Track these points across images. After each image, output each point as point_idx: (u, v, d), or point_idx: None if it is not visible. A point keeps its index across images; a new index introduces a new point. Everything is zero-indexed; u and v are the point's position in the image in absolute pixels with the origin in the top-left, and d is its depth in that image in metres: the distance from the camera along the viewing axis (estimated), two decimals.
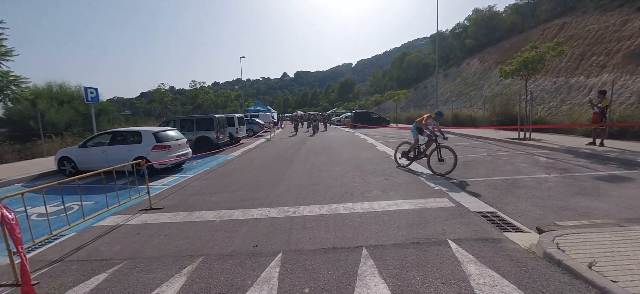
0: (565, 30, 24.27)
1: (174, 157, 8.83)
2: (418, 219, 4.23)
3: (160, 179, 8.13)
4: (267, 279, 2.91)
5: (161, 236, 4.16)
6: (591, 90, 16.53)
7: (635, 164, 6.73)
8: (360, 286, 2.71)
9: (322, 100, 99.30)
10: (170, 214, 5.07)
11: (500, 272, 2.79)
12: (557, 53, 11.67)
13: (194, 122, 13.76)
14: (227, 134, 15.10)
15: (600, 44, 19.15)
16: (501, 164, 7.72)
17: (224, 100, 45.65)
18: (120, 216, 5.11)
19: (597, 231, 3.35)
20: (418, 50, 68.20)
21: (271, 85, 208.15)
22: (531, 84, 15.46)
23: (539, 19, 32.27)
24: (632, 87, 14.39)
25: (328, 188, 6.18)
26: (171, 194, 6.47)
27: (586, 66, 18.91)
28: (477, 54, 37.73)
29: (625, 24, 18.47)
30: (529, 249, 3.19)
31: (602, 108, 9.07)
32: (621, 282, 2.43)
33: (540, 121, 14.47)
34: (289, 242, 3.73)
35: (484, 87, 30.20)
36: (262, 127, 23.73)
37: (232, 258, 3.38)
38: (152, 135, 8.63)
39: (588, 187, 5.37)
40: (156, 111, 39.83)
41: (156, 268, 3.28)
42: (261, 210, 4.99)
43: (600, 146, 8.86)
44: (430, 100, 35.57)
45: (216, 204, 5.46)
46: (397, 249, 3.38)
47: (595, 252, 2.89)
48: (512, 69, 12.24)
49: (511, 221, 3.97)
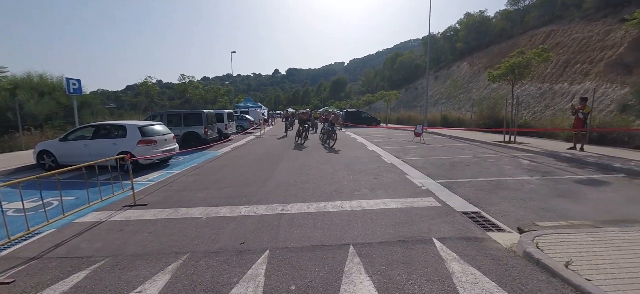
0: (552, 38, 25.00)
1: (160, 152, 8.65)
2: (405, 218, 4.29)
3: (146, 174, 7.95)
4: (253, 276, 2.90)
5: (145, 233, 4.07)
6: (574, 97, 17.11)
7: (612, 169, 7.02)
8: (346, 283, 2.73)
9: (314, 98, 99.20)
10: (155, 210, 4.97)
11: (482, 270, 2.86)
12: (543, 59, 12.02)
13: (181, 117, 13.50)
14: (216, 130, 14.90)
15: (584, 53, 19.82)
16: (487, 166, 7.90)
17: (214, 95, 44.95)
18: (102, 212, 4.97)
19: (574, 232, 3.48)
20: (410, 52, 68.94)
21: (262, 81, 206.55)
22: (517, 89, 15.85)
23: (528, 26, 33.09)
24: (612, 95, 14.98)
25: (317, 186, 6.19)
26: (156, 190, 6.33)
27: (570, 73, 19.54)
28: (467, 57, 38.42)
29: (608, 34, 19.17)
30: (510, 248, 3.29)
31: (585, 114, 9.40)
32: (595, 280, 2.53)
33: (525, 125, 14.88)
34: (276, 239, 3.71)
35: (472, 90, 30.81)
36: (252, 124, 23.53)
37: (218, 255, 3.34)
38: (137, 129, 8.42)
39: (567, 190, 5.56)
40: (142, 104, 38.80)
41: (139, 265, 3.21)
42: (249, 207, 4.95)
43: (580, 151, 9.19)
44: (421, 101, 36.03)
45: (203, 201, 5.39)
46: (383, 247, 3.42)
47: (572, 252, 3.00)
48: (500, 74, 12.55)
49: (494, 221, 4.08)
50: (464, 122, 20.31)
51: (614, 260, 2.83)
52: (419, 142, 13.53)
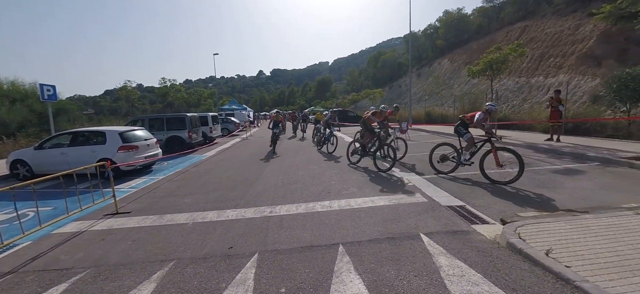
0: (526, 33, 25.98)
1: (143, 158, 8.39)
2: (392, 215, 4.35)
3: (128, 181, 7.70)
4: (242, 280, 2.86)
5: (129, 242, 3.94)
6: (549, 89, 17.85)
7: (587, 158, 7.37)
8: (336, 282, 2.74)
9: (300, 98, 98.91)
10: (138, 217, 4.82)
11: (468, 262, 2.94)
12: (519, 54, 12.50)
13: (164, 122, 13.14)
14: (201, 134, 14.60)
15: (557, 47, 20.74)
16: None
17: (197, 98, 44.04)
18: (82, 222, 4.77)
19: (553, 221, 3.63)
20: (392, 50, 69.99)
21: (247, 83, 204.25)
22: (496, 84, 16.42)
23: (504, 22, 34.31)
24: (584, 87, 15.74)
25: (305, 187, 6.17)
26: (140, 197, 6.14)
27: (545, 67, 20.39)
28: (448, 54, 39.38)
29: (578, 28, 20.13)
30: (494, 239, 3.39)
31: (559, 106, 9.84)
32: (573, 267, 2.65)
33: (504, 119, 15.42)
34: (265, 242, 3.68)
35: (454, 86, 31.60)
36: (237, 126, 23.21)
37: (205, 261, 3.28)
38: (117, 135, 8.13)
39: (546, 180, 5.80)
40: (123, 110, 37.58)
41: (123, 275, 3.10)
42: (237, 211, 4.88)
43: (556, 142, 9.61)
44: (405, 98, 36.62)
45: (189, 206, 5.27)
46: (372, 244, 3.45)
47: (552, 240, 3.13)
48: (479, 69, 12.95)
49: (478, 214, 4.20)
50: (447, 117, 20.81)
51: (591, 246, 2.98)
52: (404, 139, 13.71)
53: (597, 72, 15.45)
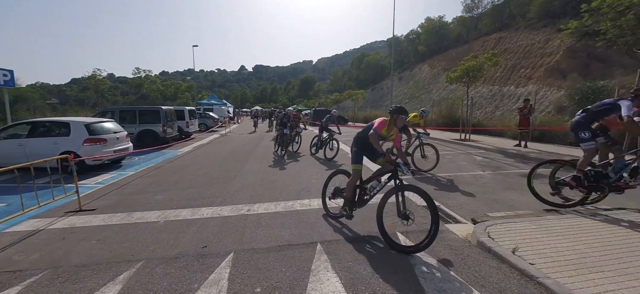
0: (501, 44, 27.36)
1: (111, 152, 7.93)
2: (372, 214, 4.38)
3: (94, 177, 7.24)
4: (216, 281, 2.76)
5: (92, 241, 3.69)
6: (519, 98, 18.90)
7: None
8: (313, 281, 2.71)
9: (282, 96, 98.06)
10: (104, 215, 4.53)
11: (441, 260, 3.02)
12: (493, 64, 13.11)
13: (136, 114, 12.49)
14: (176, 128, 14.05)
15: (528, 58, 22.00)
16: (445, 162, 8.41)
17: (174, 91, 42.38)
18: (40, 219, 4.42)
19: (520, 221, 3.83)
20: (376, 53, 71.17)
21: (227, 78, 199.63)
22: (472, 91, 17.15)
23: (481, 32, 35.92)
24: (550, 98, 16.81)
25: (285, 185, 6.10)
26: (107, 193, 5.79)
27: (516, 77, 21.56)
28: (428, 59, 40.62)
29: (547, 42, 21.48)
30: (466, 238, 3.52)
31: (528, 113, 10.45)
32: (537, 264, 2.79)
33: (478, 124, 16.12)
34: (241, 241, 3.58)
35: (433, 91, 32.66)
36: (216, 122, 22.59)
37: (177, 261, 3.13)
38: (83, 126, 7.62)
39: (514, 183, 6.11)
40: (91, 100, 35.38)
41: (85, 276, 2.89)
42: (212, 209, 4.72)
43: (524, 147, 10.18)
44: (386, 101, 37.35)
45: (161, 204, 5.03)
46: (350, 243, 3.46)
47: (518, 239, 3.29)
48: (456, 76, 13.44)
49: (451, 214, 4.34)
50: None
51: (553, 245, 3.16)
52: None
53: (563, 84, 16.56)
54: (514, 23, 30.32)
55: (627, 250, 3.03)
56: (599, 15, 7.06)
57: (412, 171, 3.47)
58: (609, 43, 7.20)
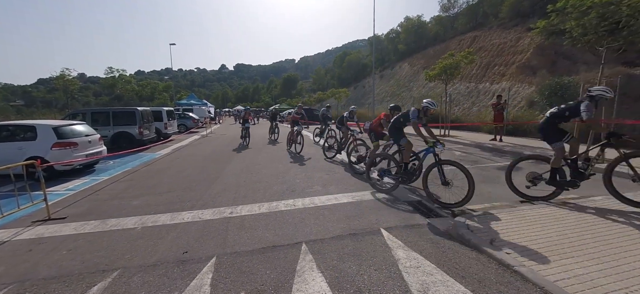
0: (476, 42, 28.36)
1: (83, 156, 7.51)
2: (355, 211, 4.43)
3: (65, 183, 6.83)
4: (197, 287, 2.68)
5: (63, 251, 3.48)
6: (494, 95, 19.71)
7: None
8: (298, 282, 2.69)
9: (265, 95, 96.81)
10: (75, 224, 4.29)
11: (424, 254, 3.09)
12: (469, 61, 13.58)
13: (110, 116, 11.91)
14: (154, 130, 13.53)
15: (501, 56, 22.96)
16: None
17: (151, 91, 40.85)
18: (4, 230, 4.11)
19: (497, 212, 3.99)
20: (357, 51, 71.69)
21: (208, 77, 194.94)
22: (450, 88, 17.71)
23: (457, 31, 37.06)
24: (522, 94, 17.64)
25: (269, 186, 6.03)
26: (78, 200, 5.48)
27: (491, 74, 22.45)
28: (408, 58, 41.45)
29: (518, 41, 22.50)
30: (446, 231, 3.62)
31: (501, 109, 10.93)
32: (513, 254, 2.92)
33: (456, 120, 16.66)
34: (224, 244, 3.50)
35: (413, 89, 33.39)
36: (196, 123, 21.97)
37: (155, 269, 3.01)
38: (51, 130, 7.17)
39: (490, 176, 6.36)
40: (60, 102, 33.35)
41: (54, 289, 2.72)
42: (193, 213, 4.59)
43: (499, 141, 10.63)
44: (369, 99, 37.77)
45: (138, 209, 4.82)
46: (335, 241, 3.47)
47: (496, 229, 3.43)
48: (435, 74, 13.81)
49: (433, 208, 4.45)
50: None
51: (527, 234, 3.31)
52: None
53: (533, 80, 17.41)
54: (487, 22, 31.52)
55: (592, 236, 3.23)
56: (564, 15, 7.46)
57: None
58: (573, 41, 7.63)
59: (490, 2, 32.91)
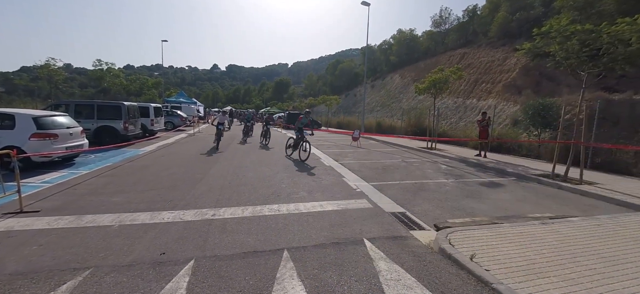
0: (465, 59, 29.18)
1: (63, 149, 7.24)
2: (339, 220, 4.42)
3: (41, 175, 6.56)
4: (172, 290, 2.59)
5: (33, 246, 3.32)
6: (480, 111, 20.27)
7: (506, 173, 8.47)
8: (277, 290, 2.65)
9: (256, 98, 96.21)
10: (49, 218, 4.11)
11: (405, 267, 3.10)
12: (458, 77, 13.93)
13: (94, 109, 11.56)
14: (140, 126, 13.21)
15: (489, 74, 23.68)
16: (412, 169, 8.73)
17: (139, 86, 39.86)
18: None
19: (478, 228, 4.06)
20: (350, 60, 72.45)
21: (199, 76, 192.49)
22: (438, 102, 18.12)
23: (447, 47, 38.07)
24: (507, 111, 18.20)
25: (254, 189, 5.95)
26: (54, 193, 5.26)
27: (478, 91, 23.10)
28: (399, 70, 42.16)
29: (505, 60, 23.28)
30: (428, 245, 3.65)
31: (485, 126, 11.24)
32: (492, 271, 2.97)
33: (443, 134, 16.99)
34: (204, 247, 3.42)
35: (403, 101, 33.92)
36: (184, 121, 21.59)
37: (130, 269, 2.91)
38: (30, 120, 6.90)
39: (474, 191, 6.49)
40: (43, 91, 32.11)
41: (21, 286, 2.58)
42: (174, 213, 4.47)
43: (484, 157, 10.89)
44: (359, 107, 38.12)
45: (116, 206, 4.67)
46: (317, 250, 3.44)
47: (476, 245, 3.48)
48: (424, 87, 14.09)
49: (416, 220, 4.50)
50: (395, 129, 22.22)
51: (506, 251, 3.38)
52: (356, 146, 14.25)
53: (518, 99, 18.00)
54: (477, 40, 32.54)
55: (569, 256, 3.32)
56: (548, 38, 7.77)
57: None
58: (557, 64, 7.94)
59: (480, 20, 34.03)
